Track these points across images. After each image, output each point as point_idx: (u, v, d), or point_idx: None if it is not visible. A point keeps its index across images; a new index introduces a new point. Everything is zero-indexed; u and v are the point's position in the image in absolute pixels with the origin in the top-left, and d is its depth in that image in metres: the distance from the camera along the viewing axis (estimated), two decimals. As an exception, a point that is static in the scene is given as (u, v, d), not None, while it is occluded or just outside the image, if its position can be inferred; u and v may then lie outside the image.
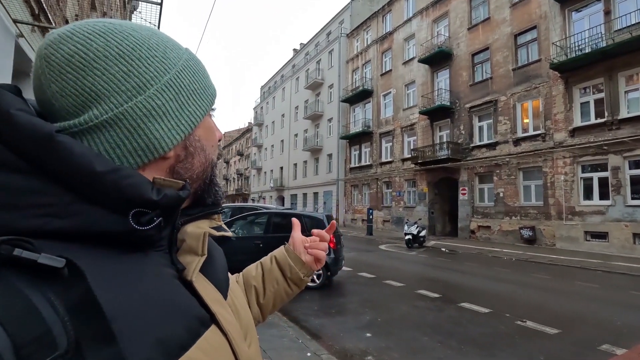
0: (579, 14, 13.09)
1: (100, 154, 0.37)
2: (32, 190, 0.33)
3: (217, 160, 0.50)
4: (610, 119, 11.74)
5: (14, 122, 0.33)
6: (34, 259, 0.29)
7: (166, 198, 0.38)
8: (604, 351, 3.78)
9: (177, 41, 0.47)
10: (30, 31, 4.56)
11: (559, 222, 12.98)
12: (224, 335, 0.42)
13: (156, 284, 0.38)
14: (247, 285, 0.73)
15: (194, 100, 0.44)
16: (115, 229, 0.35)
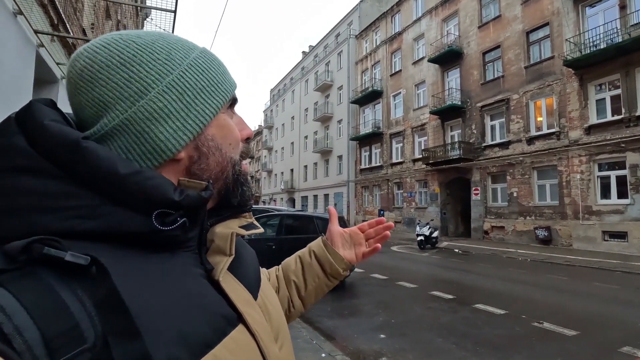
0: (593, 9, 12.83)
1: (123, 157, 0.39)
2: (64, 194, 0.35)
3: (241, 159, 0.48)
4: (628, 116, 11.45)
5: (46, 132, 0.36)
6: (61, 257, 0.31)
7: (188, 199, 0.39)
8: (625, 353, 3.69)
9: (191, 41, 0.46)
10: (50, 41, 4.72)
11: (576, 222, 12.70)
12: (252, 336, 0.42)
13: (181, 282, 0.39)
14: (286, 280, 0.73)
15: (203, 98, 0.43)
16: (140, 229, 0.37)
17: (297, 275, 0.73)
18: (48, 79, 5.12)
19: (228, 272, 0.45)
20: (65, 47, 5.39)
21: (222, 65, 0.47)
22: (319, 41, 34.85)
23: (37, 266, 0.31)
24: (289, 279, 0.73)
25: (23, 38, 3.88)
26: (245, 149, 0.49)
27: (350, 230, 0.75)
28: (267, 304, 0.51)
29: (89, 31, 7.00)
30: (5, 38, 3.44)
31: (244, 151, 0.49)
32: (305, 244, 0.76)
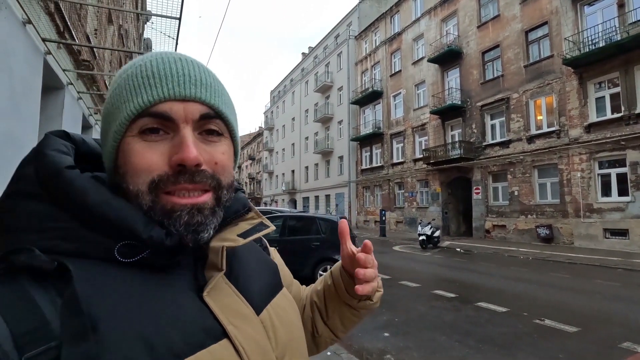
0: (591, 8, 12.88)
1: (102, 187, 0.40)
2: (49, 217, 0.38)
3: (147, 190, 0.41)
4: (627, 114, 11.50)
5: (44, 160, 0.40)
6: (30, 263, 0.34)
7: (151, 240, 0.39)
8: (626, 349, 3.76)
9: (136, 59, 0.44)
10: (56, 48, 4.81)
11: (577, 220, 12.74)
12: (237, 352, 0.41)
13: (156, 295, 0.39)
14: (310, 302, 0.68)
15: (109, 126, 0.43)
16: (105, 258, 0.38)
17: (319, 297, 0.67)
18: (55, 85, 5.21)
19: (228, 284, 0.45)
20: (70, 53, 5.48)
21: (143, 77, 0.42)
22: (319, 42, 34.94)
23: (17, 273, 0.35)
24: (312, 301, 0.68)
25: (32, 46, 3.97)
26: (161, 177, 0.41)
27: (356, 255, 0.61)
28: (274, 320, 0.48)
29: (93, 37, 7.10)
30: (16, 47, 3.52)
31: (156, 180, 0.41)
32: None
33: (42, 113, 4.70)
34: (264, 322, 0.46)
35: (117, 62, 11.38)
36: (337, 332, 0.66)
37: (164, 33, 4.35)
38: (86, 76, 6.45)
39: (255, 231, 0.50)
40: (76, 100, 6.22)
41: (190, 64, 0.44)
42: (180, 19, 3.93)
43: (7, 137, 3.41)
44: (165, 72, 0.41)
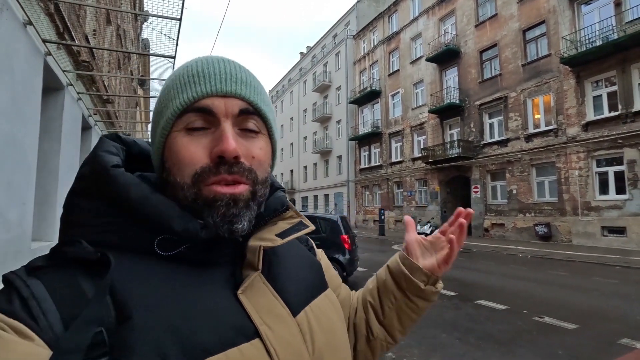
0: (588, 7, 12.95)
1: (144, 183, 0.43)
2: (100, 212, 0.42)
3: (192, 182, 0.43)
4: (625, 112, 11.57)
5: (96, 161, 0.44)
6: (77, 254, 0.38)
7: (187, 232, 0.41)
8: (624, 345, 3.79)
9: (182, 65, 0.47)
10: (56, 49, 4.81)
11: (575, 218, 12.81)
12: (268, 354, 0.41)
13: (192, 290, 0.41)
14: (363, 302, 0.66)
15: (158, 123, 0.46)
16: (147, 251, 0.41)
17: (373, 296, 0.65)
18: (55, 85, 5.21)
19: (265, 284, 0.46)
20: (70, 54, 5.48)
21: (187, 77, 0.44)
22: (317, 42, 34.93)
23: (70, 263, 0.38)
24: (365, 300, 0.66)
25: (32, 47, 3.97)
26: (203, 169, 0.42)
27: (431, 237, 0.64)
28: (312, 323, 0.47)
29: (92, 38, 7.09)
30: (17, 48, 3.53)
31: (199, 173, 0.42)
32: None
33: (43, 114, 4.71)
34: (301, 325, 0.46)
35: (116, 63, 11.36)
36: (394, 332, 0.63)
37: (163, 33, 4.36)
38: (85, 77, 6.45)
39: (294, 231, 0.50)
40: (76, 100, 6.22)
41: (232, 64, 0.46)
42: (180, 19, 3.94)
43: (9, 137, 3.42)
44: (208, 71, 0.44)
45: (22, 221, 3.88)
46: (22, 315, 0.34)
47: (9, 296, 0.35)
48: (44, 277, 0.37)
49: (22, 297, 0.35)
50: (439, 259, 0.61)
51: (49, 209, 5.17)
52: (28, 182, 4.04)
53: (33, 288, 0.36)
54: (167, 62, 6.22)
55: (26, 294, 0.35)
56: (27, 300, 0.35)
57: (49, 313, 0.35)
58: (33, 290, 0.36)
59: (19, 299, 0.35)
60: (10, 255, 3.62)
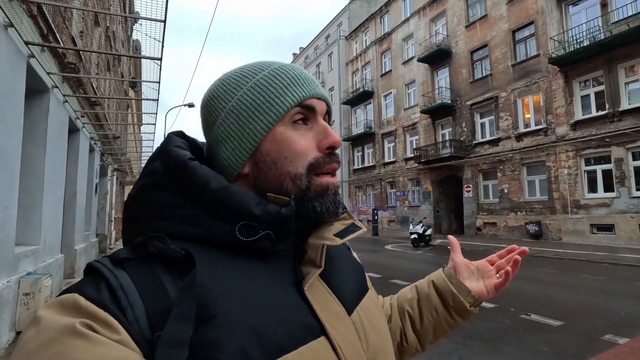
0: (575, 8, 13.14)
1: (220, 175, 0.45)
2: (177, 205, 0.43)
3: (310, 172, 0.47)
4: (612, 111, 11.75)
5: (168, 155, 0.45)
6: (163, 249, 0.38)
7: (267, 214, 0.42)
8: (607, 341, 3.85)
9: (270, 62, 0.50)
10: (40, 51, 4.76)
11: (565, 216, 12.97)
12: (334, 350, 0.41)
13: (264, 286, 0.41)
14: (400, 310, 0.68)
15: (256, 117, 0.46)
16: (226, 240, 0.42)
17: (412, 306, 0.68)
18: (39, 88, 5.15)
19: (321, 283, 0.46)
20: (55, 56, 5.42)
21: (290, 77, 0.48)
22: (309, 43, 34.96)
23: (152, 258, 0.39)
24: (402, 309, 0.68)
25: (14, 50, 3.93)
26: (318, 160, 0.47)
27: (477, 263, 0.68)
28: (364, 322, 0.48)
29: (78, 39, 7.03)
30: (-3, 50, 3.49)
31: (314, 163, 0.47)
32: None
33: (27, 116, 4.65)
34: (355, 323, 0.47)
35: (105, 65, 11.26)
36: (425, 342, 0.66)
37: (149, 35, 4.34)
38: (72, 79, 6.39)
39: (349, 232, 0.51)
40: (62, 103, 6.15)
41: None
42: (165, 21, 3.92)
43: (-11, 141, 3.37)
44: (306, 77, 0.49)
45: (5, 225, 3.83)
46: (111, 307, 0.34)
47: (97, 285, 0.35)
48: (129, 270, 0.37)
49: (111, 288, 0.35)
50: (488, 285, 0.65)
51: (34, 213, 5.11)
52: (11, 186, 3.99)
53: (121, 279, 0.36)
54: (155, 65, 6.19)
55: (115, 285, 0.35)
56: (116, 291, 0.35)
57: (136, 306, 0.35)
58: (121, 282, 0.36)
59: (108, 289, 0.35)
60: (-8, 260, 3.57)
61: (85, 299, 0.34)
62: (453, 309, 0.64)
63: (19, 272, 4.32)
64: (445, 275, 0.67)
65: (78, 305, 0.33)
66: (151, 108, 12.70)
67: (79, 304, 0.34)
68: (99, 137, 10.24)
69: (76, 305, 0.34)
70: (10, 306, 3.97)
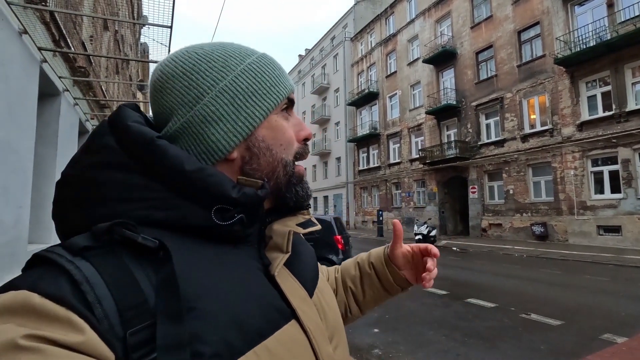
0: (581, 8, 13.06)
1: (191, 155, 0.42)
2: (142, 187, 0.39)
3: (294, 160, 0.49)
4: (618, 112, 11.65)
5: (129, 132, 0.40)
6: (135, 239, 0.34)
7: (245, 196, 0.41)
8: (605, 340, 3.88)
9: (252, 48, 0.49)
10: (52, 56, 4.94)
11: (571, 217, 12.88)
12: (305, 332, 0.43)
13: (239, 273, 0.40)
14: (344, 286, 0.74)
15: (253, 101, 0.45)
16: (201, 223, 0.40)
17: (355, 283, 0.73)
18: (51, 92, 5.34)
19: (284, 268, 0.46)
20: (66, 61, 5.61)
21: (278, 69, 0.48)
22: (315, 44, 35.12)
23: (117, 246, 0.35)
24: (346, 286, 0.73)
25: (28, 55, 4.10)
26: (301, 149, 0.50)
27: (413, 252, 0.72)
28: (322, 303, 0.50)
29: (88, 44, 7.23)
30: (12, 56, 3.66)
31: (299, 152, 0.49)
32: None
33: (39, 119, 4.84)
34: (316, 305, 0.48)
35: (114, 68, 11.51)
36: (365, 311, 0.73)
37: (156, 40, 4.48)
38: (82, 83, 6.58)
39: (310, 224, 0.53)
40: (72, 106, 6.35)
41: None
42: (171, 27, 4.06)
43: (4, 143, 3.54)
44: (285, 71, 0.51)
45: (18, 224, 4.00)
46: (74, 303, 0.29)
47: (54, 278, 0.30)
48: (93, 260, 0.33)
49: (74, 281, 0.30)
50: (418, 274, 0.70)
51: (45, 213, 5.29)
52: (24, 186, 4.16)
53: (85, 270, 0.31)
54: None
55: (78, 277, 0.31)
56: (80, 284, 0.30)
57: (104, 300, 0.31)
58: (86, 273, 0.31)
59: (69, 283, 0.30)
60: (6, 257, 3.74)
61: (39, 295, 0.29)
62: (390, 290, 0.72)
63: (32, 268, 4.49)
64: (384, 261, 0.71)
65: (30, 304, 0.28)
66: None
67: (31, 304, 0.28)
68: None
69: (27, 305, 0.28)
70: (23, 301, 4.13)
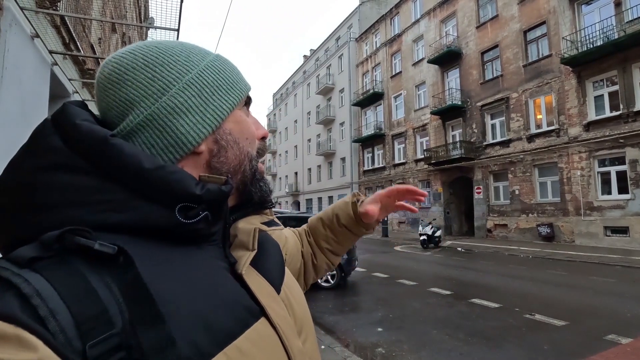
0: (588, 7, 12.96)
1: (149, 153, 0.40)
2: (95, 189, 0.36)
3: (257, 155, 0.50)
4: (626, 112, 11.54)
5: (78, 131, 0.38)
6: (90, 246, 0.32)
7: (209, 193, 0.40)
8: (610, 341, 3.88)
9: (205, 48, 0.49)
10: (62, 59, 5.05)
11: (578, 218, 12.77)
12: (274, 329, 0.42)
13: (205, 273, 0.40)
14: (319, 247, 0.79)
15: (220, 95, 0.45)
16: (164, 223, 0.38)
17: (330, 243, 0.79)
18: (61, 94, 5.44)
19: (251, 266, 0.46)
20: (76, 63, 5.72)
21: (236, 68, 0.50)
22: (320, 45, 35.19)
23: (69, 255, 0.33)
24: (321, 247, 0.79)
25: (39, 58, 4.20)
26: (261, 147, 0.51)
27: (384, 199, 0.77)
28: (290, 298, 0.50)
29: (97, 46, 7.36)
30: (25, 60, 3.76)
31: (260, 148, 0.51)
32: None
33: (50, 121, 4.93)
34: (284, 300, 0.48)
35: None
36: (333, 259, 0.79)
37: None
38: (91, 84, 6.70)
39: (275, 223, 0.56)
40: (82, 107, 6.46)
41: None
42: (178, 30, 4.14)
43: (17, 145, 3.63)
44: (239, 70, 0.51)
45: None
46: (23, 319, 0.28)
47: (0, 295, 0.29)
48: (44, 271, 0.31)
49: (22, 295, 0.29)
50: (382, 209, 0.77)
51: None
52: (36, 186, 4.26)
53: (35, 283, 0.30)
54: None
55: (27, 291, 0.29)
56: (30, 298, 0.29)
57: (59, 313, 0.29)
58: (36, 286, 0.30)
59: (18, 298, 0.29)
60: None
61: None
62: (357, 232, 0.79)
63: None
64: (352, 211, 0.76)
65: None
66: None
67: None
68: (116, 140, 10.60)
69: None
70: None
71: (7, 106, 3.36)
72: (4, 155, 3.40)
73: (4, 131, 3.35)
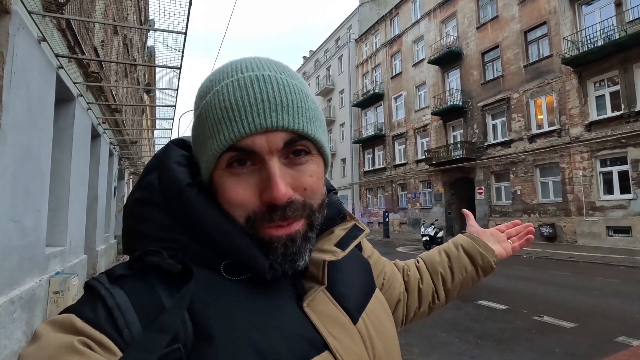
0: (589, 7, 12.99)
1: (215, 208, 0.41)
2: (169, 228, 0.41)
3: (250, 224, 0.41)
4: (627, 112, 11.57)
5: (167, 174, 0.43)
6: (160, 264, 0.37)
7: (254, 269, 0.41)
8: (620, 342, 3.86)
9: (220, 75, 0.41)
10: (67, 62, 5.03)
11: (580, 218, 12.79)
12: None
13: (263, 303, 0.40)
14: (432, 271, 0.75)
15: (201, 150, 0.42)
16: (214, 268, 0.41)
17: (444, 267, 0.75)
18: (66, 97, 5.43)
19: (325, 293, 0.45)
20: (80, 66, 5.70)
21: (222, 110, 0.39)
22: (319, 46, 35.20)
23: (148, 273, 0.38)
24: (435, 271, 0.75)
25: (46, 62, 4.19)
26: (262, 215, 0.40)
27: (490, 230, 0.80)
28: (370, 330, 0.46)
29: (100, 49, 7.34)
30: (32, 64, 3.74)
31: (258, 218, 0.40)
32: None
33: (55, 124, 4.92)
34: (361, 332, 0.45)
35: (123, 71, 11.65)
36: (451, 297, 0.76)
37: (169, 46, 4.55)
38: (95, 87, 6.68)
39: (351, 238, 0.49)
40: (86, 110, 6.45)
41: (270, 83, 0.40)
42: (186, 33, 4.12)
43: (25, 148, 3.62)
44: (243, 102, 0.38)
45: (37, 227, 4.08)
46: (107, 328, 0.33)
47: (93, 305, 0.35)
48: (125, 287, 0.37)
49: (108, 307, 0.35)
50: (505, 247, 0.79)
51: (61, 215, 5.37)
52: (42, 190, 4.24)
53: (118, 298, 0.35)
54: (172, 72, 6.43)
55: (111, 304, 0.35)
56: (112, 310, 0.34)
57: (132, 325, 0.34)
58: (118, 301, 0.35)
59: (105, 309, 0.35)
60: (27, 259, 3.81)
61: (81, 320, 0.34)
62: (481, 267, 0.75)
63: (49, 271, 4.58)
64: (470, 239, 0.77)
65: (74, 326, 0.33)
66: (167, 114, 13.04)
67: (74, 326, 0.33)
68: (118, 142, 10.60)
69: (72, 327, 0.33)
70: (42, 304, 4.21)
71: (15, 110, 3.35)
72: (14, 159, 3.38)
73: (14, 136, 3.33)
